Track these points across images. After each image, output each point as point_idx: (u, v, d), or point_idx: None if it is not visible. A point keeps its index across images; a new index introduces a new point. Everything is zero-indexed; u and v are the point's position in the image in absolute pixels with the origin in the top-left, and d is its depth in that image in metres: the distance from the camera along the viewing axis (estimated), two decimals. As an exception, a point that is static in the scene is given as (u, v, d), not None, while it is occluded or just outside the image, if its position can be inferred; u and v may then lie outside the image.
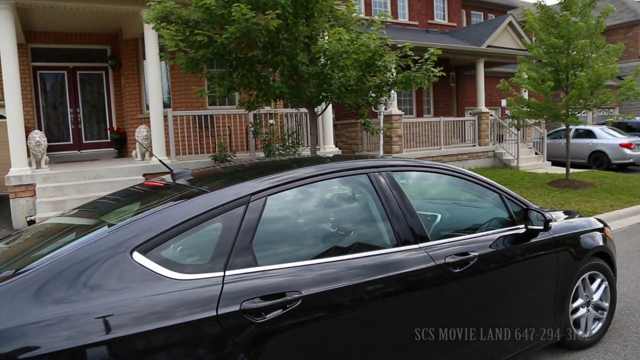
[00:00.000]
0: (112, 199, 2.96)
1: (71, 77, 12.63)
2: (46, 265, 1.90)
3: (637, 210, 9.84)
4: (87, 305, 1.83)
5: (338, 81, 7.18)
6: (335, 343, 2.29)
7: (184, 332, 1.92)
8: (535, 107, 12.08)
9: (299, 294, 2.18)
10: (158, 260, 2.03)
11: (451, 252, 2.83)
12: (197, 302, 1.98)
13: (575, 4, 11.55)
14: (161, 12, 6.77)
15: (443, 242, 2.88)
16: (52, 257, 1.95)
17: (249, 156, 10.74)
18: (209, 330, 1.97)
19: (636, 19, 29.32)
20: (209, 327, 1.97)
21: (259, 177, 2.49)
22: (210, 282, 2.05)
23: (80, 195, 8.65)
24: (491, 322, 3.05)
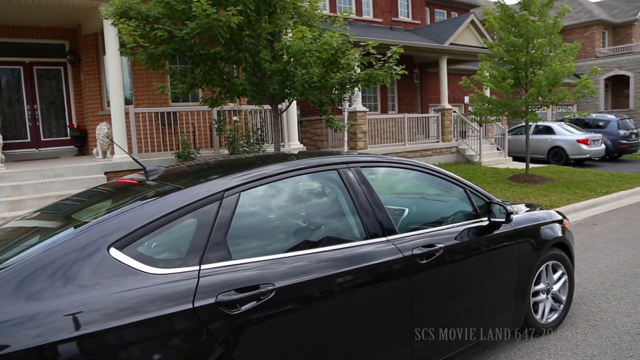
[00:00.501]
0: (86, 197, 2.96)
1: (27, 72, 12.27)
2: (24, 262, 1.91)
3: (592, 203, 10.21)
4: (69, 300, 1.85)
5: (301, 78, 7.21)
6: (308, 333, 2.36)
7: (162, 324, 1.96)
8: (496, 104, 12.36)
9: (272, 286, 2.24)
10: (135, 255, 2.06)
11: (418, 244, 2.93)
12: (174, 296, 2.02)
13: (533, 4, 11.86)
14: (120, 7, 6.66)
15: (410, 234, 2.98)
16: (30, 254, 1.96)
17: (213, 153, 10.67)
18: (186, 323, 2.01)
19: (592, 19, 30.25)
20: (186, 320, 2.01)
21: (232, 173, 2.53)
22: (186, 276, 2.09)
23: (39, 195, 8.46)
24: (458, 310, 3.16)
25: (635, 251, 6.51)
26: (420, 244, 2.94)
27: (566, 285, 4.25)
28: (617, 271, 5.70)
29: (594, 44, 30.40)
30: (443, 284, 3.05)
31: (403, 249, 2.82)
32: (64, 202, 2.99)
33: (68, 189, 8.78)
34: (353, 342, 2.55)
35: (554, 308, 4.16)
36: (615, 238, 7.32)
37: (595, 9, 31.70)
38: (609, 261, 6.11)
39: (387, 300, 2.70)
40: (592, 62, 29.10)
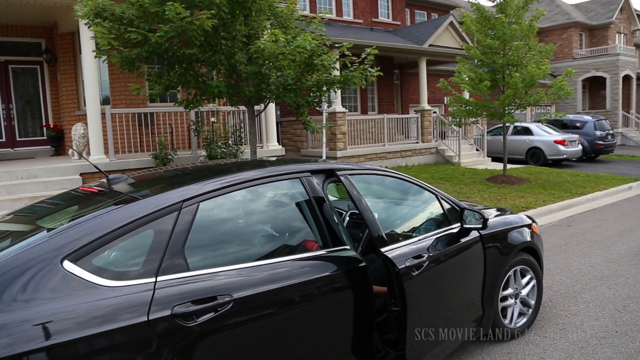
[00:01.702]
0: (49, 203, 2.92)
1: (2, 71, 12.06)
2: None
3: (567, 204, 10.36)
4: (18, 314, 1.83)
5: (276, 80, 7.19)
6: (266, 344, 2.36)
7: (116, 338, 1.95)
8: (473, 106, 12.48)
9: (230, 297, 2.23)
10: (89, 268, 2.04)
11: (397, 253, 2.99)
12: (128, 309, 2.00)
13: (509, 7, 12.00)
14: (94, 8, 6.57)
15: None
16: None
17: (191, 154, 10.59)
18: (141, 336, 2.00)
19: (570, 21, 30.66)
20: (141, 333, 2.00)
21: (192, 183, 2.52)
22: (141, 288, 2.07)
23: (12, 196, 8.32)
24: (432, 314, 3.19)
25: (607, 253, 6.63)
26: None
27: (535, 290, 4.31)
28: (588, 273, 5.80)
29: (572, 46, 30.84)
30: (425, 290, 3.11)
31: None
32: (36, 205, 2.95)
33: (42, 190, 8.66)
34: (314, 352, 2.56)
35: (523, 312, 4.22)
36: (588, 239, 7.44)
37: (573, 11, 32.15)
38: (580, 263, 6.21)
39: (349, 310, 2.70)
40: (570, 63, 29.51)
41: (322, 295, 2.60)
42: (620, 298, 4.95)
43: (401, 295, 2.88)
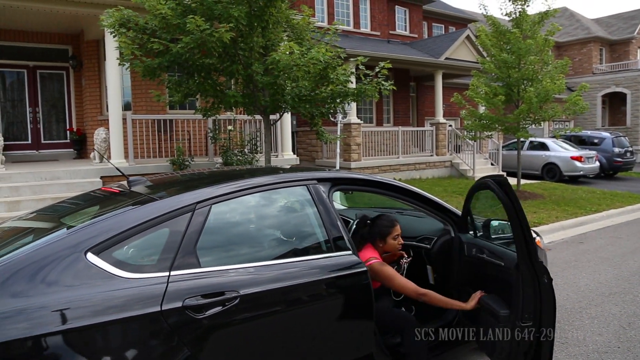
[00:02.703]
0: (71, 203, 3.14)
1: (31, 75, 12.48)
2: (6, 263, 2.08)
3: (581, 221, 10.33)
4: (44, 299, 2.02)
5: (291, 91, 7.39)
6: (270, 338, 2.51)
7: (131, 325, 2.14)
8: (488, 120, 12.54)
9: (237, 293, 2.39)
10: (110, 260, 2.23)
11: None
12: (143, 299, 2.18)
13: (525, 22, 12.08)
14: (119, 19, 6.85)
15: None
16: (12, 256, 2.14)
17: (208, 161, 10.83)
18: (153, 324, 2.18)
19: (589, 36, 30.54)
20: (154, 322, 2.17)
21: (205, 187, 2.71)
22: (156, 281, 2.26)
23: (36, 197, 8.61)
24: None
25: (617, 271, 6.65)
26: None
27: (538, 303, 4.38)
28: (596, 290, 5.84)
29: (591, 61, 30.69)
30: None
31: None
32: (60, 204, 3.16)
33: (65, 191, 8.94)
34: (315, 350, 2.71)
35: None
36: (599, 257, 7.46)
37: (593, 26, 32.03)
38: (589, 280, 6.25)
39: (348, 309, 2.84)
40: (589, 78, 29.35)
41: (325, 295, 2.75)
42: (626, 315, 5.00)
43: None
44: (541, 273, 2.85)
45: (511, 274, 2.98)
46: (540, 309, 2.87)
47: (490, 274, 3.23)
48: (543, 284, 2.86)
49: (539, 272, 2.85)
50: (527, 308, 2.87)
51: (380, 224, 3.48)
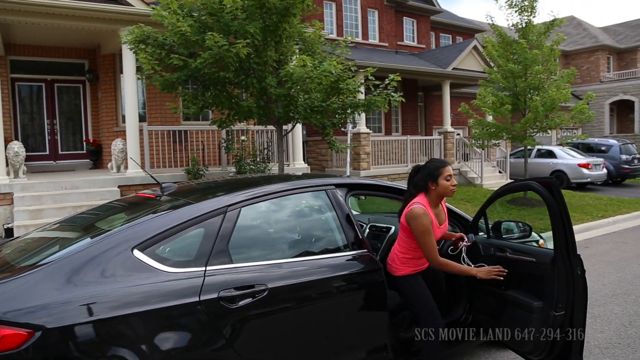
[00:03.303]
0: (111, 207, 3.47)
1: (49, 89, 12.89)
2: (67, 258, 2.39)
3: (587, 227, 10.52)
4: (97, 288, 2.32)
5: (304, 102, 7.70)
6: (295, 326, 2.79)
7: (173, 312, 2.42)
8: (495, 128, 12.77)
9: (265, 287, 2.68)
10: (153, 256, 2.52)
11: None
12: (184, 290, 2.47)
13: (531, 32, 12.33)
14: (139, 36, 7.21)
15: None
16: (71, 251, 2.44)
17: (221, 171, 11.13)
18: (193, 313, 2.46)
19: (597, 45, 30.73)
20: (193, 310, 2.46)
21: (234, 191, 3.01)
22: (194, 275, 2.54)
23: (57, 205, 8.94)
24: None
25: (621, 274, 6.84)
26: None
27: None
28: (600, 291, 6.04)
29: (599, 69, 30.85)
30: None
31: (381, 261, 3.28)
32: (95, 211, 3.46)
33: (84, 200, 9.26)
34: (335, 339, 2.96)
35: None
36: (604, 260, 7.64)
37: (600, 35, 32.20)
38: (593, 282, 6.44)
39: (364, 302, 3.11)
40: (597, 86, 29.51)
41: (343, 289, 3.03)
42: (627, 314, 5.20)
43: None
44: (576, 265, 3.05)
45: (544, 268, 3.15)
46: (573, 299, 3.05)
47: (515, 270, 3.38)
48: (577, 275, 3.05)
49: (573, 265, 3.04)
50: (560, 298, 3.04)
51: (429, 166, 3.34)
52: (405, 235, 3.30)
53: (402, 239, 3.33)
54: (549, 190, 2.99)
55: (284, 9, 6.99)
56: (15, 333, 2.09)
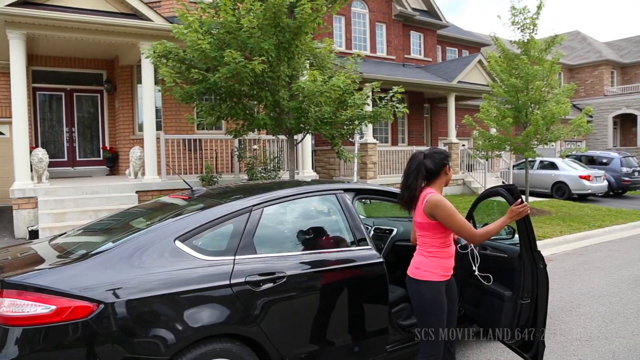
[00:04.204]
0: (152, 206, 4.01)
1: (68, 98, 13.51)
2: (121, 246, 2.92)
3: (583, 236, 10.92)
4: (146, 271, 2.83)
5: (314, 115, 8.24)
6: (308, 308, 3.30)
7: (209, 293, 2.91)
8: (497, 140, 13.25)
9: (284, 274, 3.19)
10: (192, 246, 3.03)
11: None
12: (217, 275, 2.98)
13: (533, 49, 12.84)
14: (162, 51, 7.79)
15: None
16: (125, 241, 2.97)
17: (233, 178, 11.65)
18: (225, 293, 2.96)
19: (601, 59, 31.17)
20: (225, 291, 2.96)
21: (257, 194, 3.53)
22: (225, 262, 3.05)
23: (79, 209, 9.47)
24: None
25: (610, 278, 7.27)
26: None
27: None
28: (587, 293, 6.48)
29: (603, 83, 31.27)
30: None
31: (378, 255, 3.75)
32: (138, 209, 3.99)
33: (104, 204, 9.79)
34: (342, 320, 3.45)
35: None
36: (596, 266, 8.07)
37: (604, 49, 32.65)
38: (582, 285, 6.88)
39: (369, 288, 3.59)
40: (601, 100, 29.93)
41: (351, 279, 3.52)
42: (610, 313, 5.64)
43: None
44: (538, 260, 3.56)
45: (513, 263, 3.69)
46: (537, 288, 3.57)
47: (493, 266, 3.90)
48: (539, 268, 3.57)
49: (537, 259, 3.56)
50: (526, 288, 3.54)
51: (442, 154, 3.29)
52: (427, 229, 3.17)
53: (425, 235, 3.20)
54: (511, 194, 3.47)
55: (296, 27, 7.55)
56: (84, 305, 2.60)
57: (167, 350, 2.71)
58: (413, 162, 3.23)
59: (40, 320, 2.53)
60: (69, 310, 2.56)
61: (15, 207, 9.44)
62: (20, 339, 2.52)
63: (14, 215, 9.45)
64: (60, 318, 2.54)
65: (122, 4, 10.42)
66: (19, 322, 2.53)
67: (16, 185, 9.49)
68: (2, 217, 11.54)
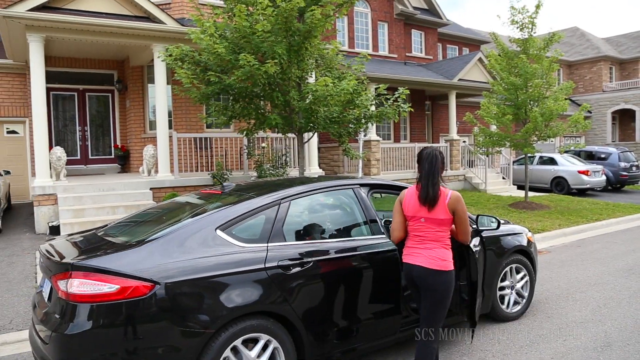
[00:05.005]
0: (188, 200, 4.42)
1: (81, 98, 13.91)
2: (170, 234, 3.34)
3: (581, 229, 11.33)
4: (193, 255, 3.25)
5: (323, 114, 8.66)
6: (331, 288, 3.72)
7: (248, 275, 3.34)
8: (497, 137, 13.65)
9: (310, 259, 3.62)
10: (231, 235, 3.46)
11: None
12: (253, 260, 3.41)
13: (532, 48, 13.23)
14: (179, 55, 8.20)
15: None
16: (175, 229, 3.38)
17: (243, 175, 12.05)
18: (260, 276, 3.39)
19: (599, 55, 31.53)
20: (260, 274, 3.39)
21: (283, 189, 3.96)
22: (260, 249, 3.49)
23: (97, 205, 9.87)
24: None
25: (605, 267, 7.68)
26: None
27: (528, 284, 5.49)
28: (583, 281, 6.90)
29: (601, 79, 31.65)
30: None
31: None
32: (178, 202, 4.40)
33: (120, 201, 10.19)
34: (359, 297, 3.88)
35: (517, 302, 5.40)
36: (592, 257, 8.48)
37: (603, 45, 33.01)
38: (579, 274, 7.30)
39: (383, 273, 4.02)
40: (600, 95, 30.30)
41: (367, 265, 3.94)
42: (603, 298, 6.06)
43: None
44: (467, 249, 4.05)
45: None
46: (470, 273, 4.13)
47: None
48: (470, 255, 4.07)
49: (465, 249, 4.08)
50: (461, 274, 4.38)
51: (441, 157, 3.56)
52: (446, 224, 3.49)
53: (441, 230, 3.49)
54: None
55: (306, 31, 7.96)
56: (143, 285, 3.01)
57: (213, 324, 3.13)
58: (435, 160, 3.47)
59: (106, 297, 2.95)
60: (131, 289, 2.98)
61: (35, 203, 9.83)
62: (89, 313, 2.94)
63: (35, 212, 9.84)
64: (123, 296, 2.96)
65: (135, 7, 10.79)
66: (86, 300, 2.95)
67: (37, 183, 9.88)
68: (20, 213, 11.95)
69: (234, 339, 3.23)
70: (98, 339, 2.93)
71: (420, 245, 3.53)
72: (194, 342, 3.09)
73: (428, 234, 3.50)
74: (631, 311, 5.56)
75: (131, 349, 2.97)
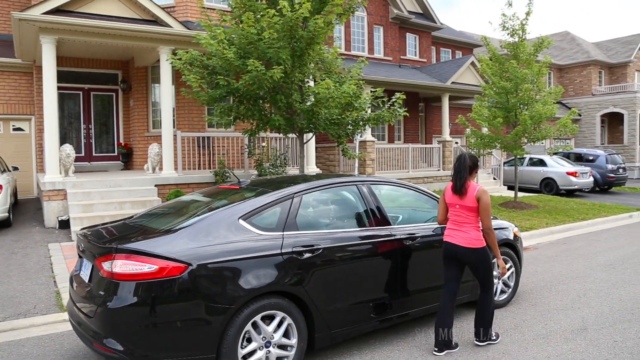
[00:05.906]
0: (209, 193, 4.90)
1: (86, 97, 14.30)
2: (199, 222, 3.81)
3: (568, 227, 11.88)
4: (220, 241, 3.72)
5: (324, 116, 9.15)
6: (338, 272, 4.20)
7: (265, 260, 3.80)
8: (488, 139, 14.18)
9: (320, 246, 4.11)
10: (251, 224, 3.93)
11: (405, 232, 4.80)
12: (271, 246, 3.88)
13: (522, 53, 13.76)
14: (188, 59, 8.66)
15: (401, 227, 4.84)
16: (200, 219, 3.86)
17: (244, 173, 12.50)
18: (278, 260, 3.85)
19: (589, 60, 32.21)
20: (277, 259, 3.86)
21: (296, 185, 4.43)
22: (277, 237, 3.97)
23: (104, 200, 10.27)
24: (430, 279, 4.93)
25: (587, 262, 8.21)
26: (406, 232, 4.78)
27: (513, 275, 5.99)
28: (566, 274, 7.42)
29: (591, 83, 32.34)
30: (420, 259, 4.86)
31: (396, 234, 4.66)
32: (202, 195, 4.87)
33: (126, 197, 10.60)
34: (361, 284, 4.37)
35: (504, 291, 5.90)
36: (577, 254, 9.01)
37: (593, 50, 33.70)
38: (563, 268, 7.82)
39: (384, 263, 4.54)
40: (589, 99, 30.99)
41: (372, 252, 4.46)
42: (584, 290, 6.58)
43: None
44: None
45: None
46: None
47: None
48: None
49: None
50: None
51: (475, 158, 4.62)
52: (473, 209, 4.41)
53: (471, 215, 4.44)
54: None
55: (310, 38, 8.44)
56: (178, 266, 3.48)
57: (237, 301, 3.60)
58: (462, 160, 4.54)
59: (146, 276, 3.41)
60: (167, 269, 3.44)
61: (45, 198, 10.23)
62: (130, 290, 3.40)
63: (44, 206, 10.24)
64: (161, 275, 3.42)
65: (143, 11, 11.22)
66: (128, 278, 3.41)
67: (47, 179, 10.27)
68: (26, 208, 12.33)
69: (254, 315, 3.69)
70: (138, 312, 3.39)
71: (457, 228, 4.54)
72: (220, 316, 3.55)
73: (461, 217, 4.50)
74: (608, 300, 6.08)
75: (167, 321, 3.43)
